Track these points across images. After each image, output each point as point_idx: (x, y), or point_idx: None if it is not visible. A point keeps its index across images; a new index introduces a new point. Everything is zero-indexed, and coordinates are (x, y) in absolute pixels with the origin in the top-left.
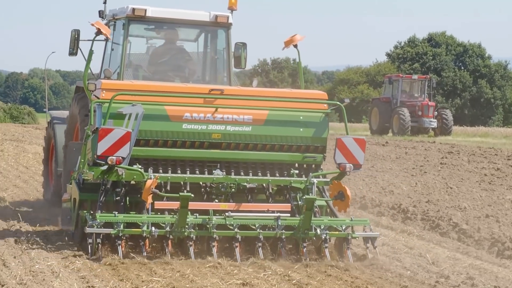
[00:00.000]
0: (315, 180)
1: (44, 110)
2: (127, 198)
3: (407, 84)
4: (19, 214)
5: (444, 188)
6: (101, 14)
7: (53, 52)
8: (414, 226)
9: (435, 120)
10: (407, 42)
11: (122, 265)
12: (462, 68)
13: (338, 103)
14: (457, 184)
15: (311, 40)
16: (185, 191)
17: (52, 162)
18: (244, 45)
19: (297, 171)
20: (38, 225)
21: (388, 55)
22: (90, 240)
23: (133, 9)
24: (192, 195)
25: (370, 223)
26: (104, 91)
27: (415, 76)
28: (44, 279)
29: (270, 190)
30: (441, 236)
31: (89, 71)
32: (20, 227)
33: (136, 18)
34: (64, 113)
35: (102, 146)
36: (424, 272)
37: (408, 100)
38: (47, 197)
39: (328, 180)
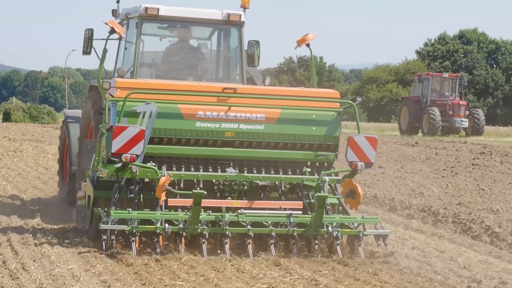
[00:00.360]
0: (327, 178)
1: (64, 109)
2: (141, 195)
3: (437, 82)
4: (39, 216)
5: (475, 190)
6: (114, 13)
7: (73, 50)
8: (445, 229)
9: (467, 119)
10: (437, 40)
11: (144, 268)
12: (494, 66)
13: (350, 101)
14: (490, 186)
15: (338, 37)
16: (198, 188)
17: (67, 161)
18: (257, 43)
19: (309, 169)
20: (58, 227)
21: (418, 52)
22: (104, 237)
23: (146, 8)
24: (205, 192)
25: (381, 221)
26: (118, 90)
27: (445, 74)
28: (64, 283)
29: (283, 188)
30: (473, 239)
31: (103, 70)
32: (40, 230)
33: (149, 17)
34: (78, 112)
35: (117, 144)
36: (456, 277)
37: (438, 99)
38: (62, 196)
39: (340, 178)
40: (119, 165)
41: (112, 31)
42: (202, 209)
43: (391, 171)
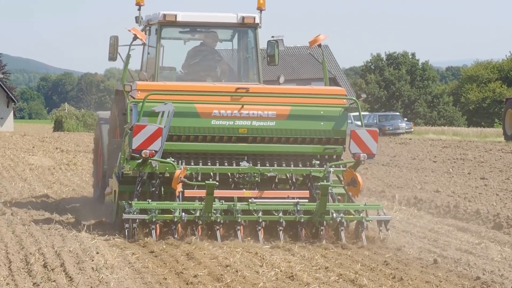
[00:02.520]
0: (331, 169)
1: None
2: (162, 188)
3: None
4: (96, 237)
5: None
6: (137, 20)
7: (132, 50)
8: None
9: None
10: None
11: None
12: None
13: (353, 98)
14: None
15: (433, 31)
16: (210, 180)
17: (101, 161)
18: (276, 42)
19: (318, 162)
20: (110, 243)
21: None
22: (127, 225)
23: (164, 15)
24: (217, 183)
25: (383, 208)
26: (139, 92)
27: None
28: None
29: (294, 180)
30: None
31: (129, 73)
32: (91, 244)
33: (167, 23)
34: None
35: (137, 141)
36: None
37: None
38: (96, 196)
39: (344, 169)
40: (140, 160)
41: (135, 37)
42: (215, 199)
43: (496, 183)
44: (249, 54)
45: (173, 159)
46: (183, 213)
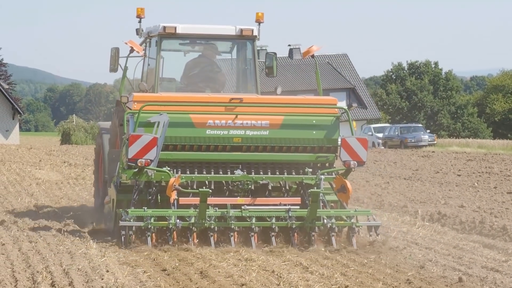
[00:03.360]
0: (322, 177)
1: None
2: (159, 196)
3: None
4: (106, 254)
5: None
6: (138, 32)
7: (142, 59)
8: None
9: None
10: None
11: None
12: None
13: (344, 108)
14: None
15: (457, 39)
16: (204, 187)
17: (101, 171)
18: (275, 54)
19: (311, 170)
20: (121, 260)
21: None
22: (123, 232)
23: (164, 27)
24: (210, 190)
25: (373, 214)
26: (135, 103)
27: None
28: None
29: (287, 187)
30: None
31: (129, 85)
32: (100, 262)
33: (167, 35)
34: None
35: (133, 150)
36: None
37: None
38: (97, 205)
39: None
40: (136, 169)
41: (132, 50)
42: (210, 206)
43: None
44: (248, 66)
45: (169, 168)
46: (178, 220)
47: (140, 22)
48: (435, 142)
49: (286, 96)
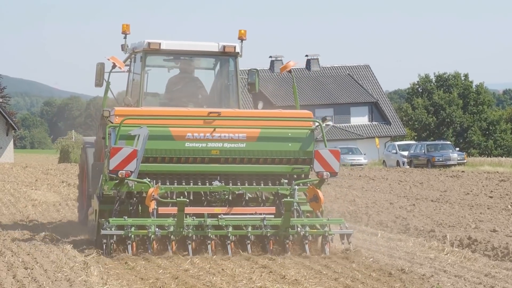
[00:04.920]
0: (296, 187)
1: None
2: (140, 207)
3: None
4: (108, 281)
5: None
6: (123, 48)
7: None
8: None
9: None
10: None
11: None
12: None
13: (318, 121)
14: None
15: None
16: (181, 197)
17: (85, 185)
18: (257, 71)
19: (286, 181)
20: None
21: None
22: (105, 241)
23: (149, 43)
24: (187, 200)
25: (345, 222)
26: (117, 117)
27: None
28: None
29: (263, 198)
30: None
31: (114, 99)
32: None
33: (151, 51)
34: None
35: (113, 162)
36: None
37: None
38: (81, 219)
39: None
40: (117, 181)
41: (114, 65)
42: (188, 216)
43: None
44: (230, 82)
45: (149, 179)
46: (157, 229)
47: (125, 38)
48: (465, 161)
49: (263, 110)
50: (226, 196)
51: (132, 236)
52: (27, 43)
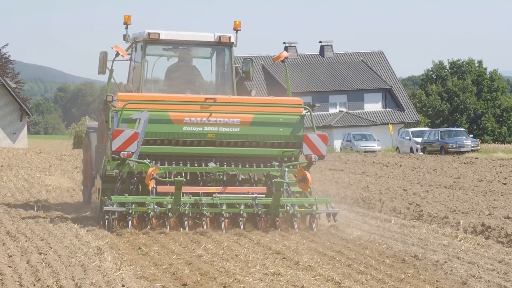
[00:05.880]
0: (286, 169)
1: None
2: (140, 186)
3: None
4: (122, 267)
5: None
6: (125, 37)
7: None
8: None
9: None
10: None
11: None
12: None
13: (307, 107)
14: None
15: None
16: (178, 176)
17: (89, 168)
18: (251, 60)
19: (277, 163)
20: (138, 274)
21: None
22: (107, 217)
23: (149, 34)
24: (184, 180)
25: (331, 202)
26: (119, 102)
27: None
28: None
29: (256, 179)
30: None
31: (117, 86)
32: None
33: (151, 41)
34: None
35: (116, 144)
36: None
37: None
38: (85, 200)
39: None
40: (119, 161)
41: (117, 54)
42: (185, 194)
43: None
44: (225, 70)
45: (149, 160)
46: (156, 206)
47: (127, 28)
48: (479, 147)
49: (257, 97)
50: (221, 177)
51: (133, 212)
52: (40, 30)
